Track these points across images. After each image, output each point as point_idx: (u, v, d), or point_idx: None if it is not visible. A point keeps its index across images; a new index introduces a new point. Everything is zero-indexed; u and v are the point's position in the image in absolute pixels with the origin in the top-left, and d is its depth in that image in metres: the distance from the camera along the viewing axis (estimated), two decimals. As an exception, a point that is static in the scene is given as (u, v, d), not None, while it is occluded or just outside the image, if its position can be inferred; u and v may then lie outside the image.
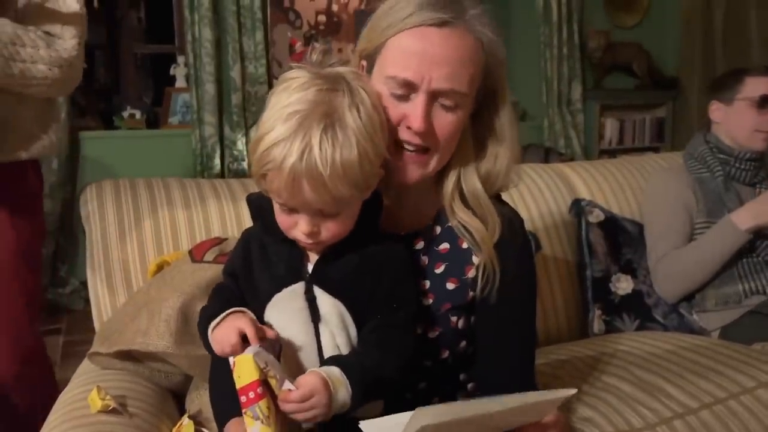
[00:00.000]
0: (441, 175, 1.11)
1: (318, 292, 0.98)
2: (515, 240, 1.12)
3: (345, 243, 0.99)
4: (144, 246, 1.56)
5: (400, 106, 1.02)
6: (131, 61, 4.45)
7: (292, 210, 0.94)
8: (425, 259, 1.13)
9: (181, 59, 3.97)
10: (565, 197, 2.06)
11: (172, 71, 4.03)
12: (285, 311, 0.99)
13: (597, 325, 1.92)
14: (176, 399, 1.23)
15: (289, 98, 0.91)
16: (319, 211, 0.93)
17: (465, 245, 1.12)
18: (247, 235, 1.09)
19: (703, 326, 1.95)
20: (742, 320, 1.90)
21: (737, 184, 2.02)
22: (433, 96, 1.01)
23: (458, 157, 1.10)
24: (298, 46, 3.90)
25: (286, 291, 0.99)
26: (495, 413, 0.87)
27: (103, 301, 1.52)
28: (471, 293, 1.11)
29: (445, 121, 1.03)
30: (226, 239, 1.43)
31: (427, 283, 1.12)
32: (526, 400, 0.93)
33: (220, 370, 1.04)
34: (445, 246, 1.13)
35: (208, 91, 3.75)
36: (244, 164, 3.87)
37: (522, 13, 4.49)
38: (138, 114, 3.89)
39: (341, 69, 0.98)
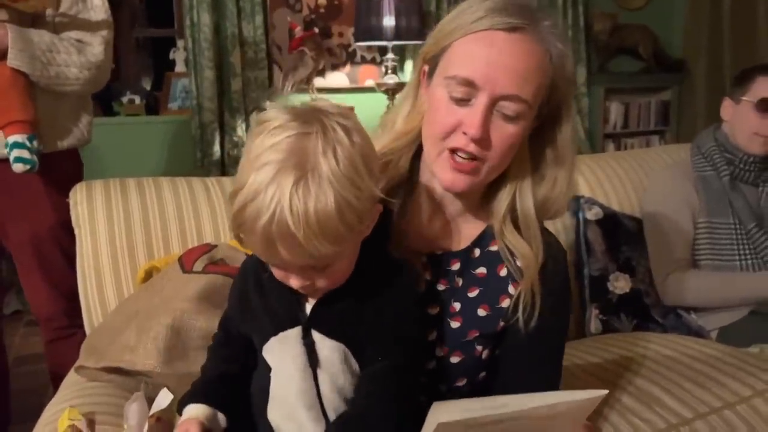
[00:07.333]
0: (492, 193, 1.06)
1: (317, 336, 0.92)
2: (558, 273, 1.06)
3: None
4: (135, 249, 1.54)
5: (457, 111, 0.97)
6: (131, 45, 4.39)
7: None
8: (459, 281, 1.07)
9: (180, 43, 3.92)
10: (564, 194, 2.02)
11: (171, 55, 3.97)
12: (281, 356, 0.94)
13: (594, 325, 1.90)
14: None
15: (262, 145, 0.82)
16: (307, 266, 0.85)
17: (503, 273, 1.06)
18: (245, 266, 1.03)
19: (702, 326, 1.93)
20: (741, 320, 1.88)
21: (741, 184, 1.99)
22: (494, 102, 0.95)
23: (514, 176, 1.04)
24: (298, 30, 3.84)
25: (281, 335, 0.93)
26: (521, 414, 0.80)
27: (93, 306, 1.51)
28: (501, 323, 1.06)
29: (504, 132, 0.97)
30: (215, 246, 1.40)
31: (458, 306, 1.06)
32: (555, 399, 0.86)
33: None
34: (482, 270, 1.07)
35: (207, 77, 3.69)
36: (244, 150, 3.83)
37: (526, -4, 4.42)
38: (137, 99, 3.84)
39: (320, 104, 0.87)
